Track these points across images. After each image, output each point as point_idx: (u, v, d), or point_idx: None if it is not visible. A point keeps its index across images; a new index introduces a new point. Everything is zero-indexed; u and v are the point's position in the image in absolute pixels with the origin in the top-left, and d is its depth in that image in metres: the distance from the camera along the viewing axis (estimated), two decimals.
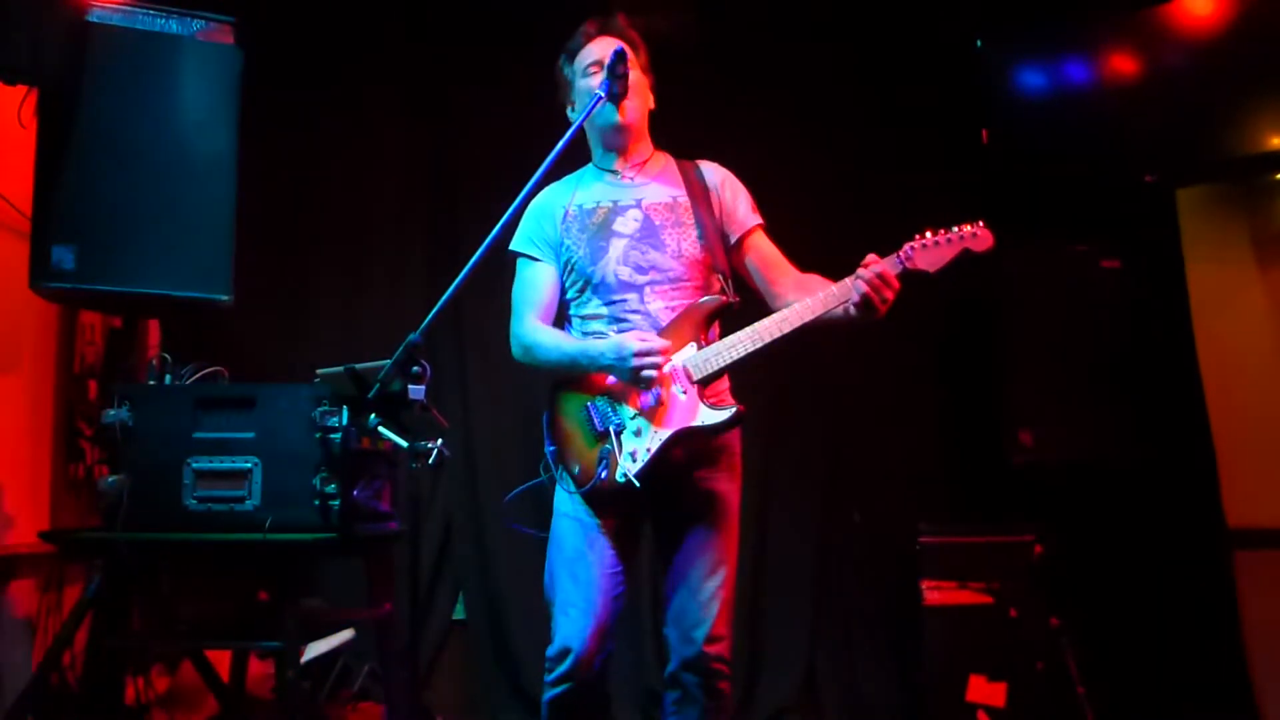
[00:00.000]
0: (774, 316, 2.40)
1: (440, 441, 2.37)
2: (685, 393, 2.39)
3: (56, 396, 3.60)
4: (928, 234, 2.33)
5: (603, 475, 2.39)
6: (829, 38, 4.53)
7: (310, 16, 4.42)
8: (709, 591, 2.44)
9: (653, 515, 2.56)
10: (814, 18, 4.51)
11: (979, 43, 4.24)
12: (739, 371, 2.50)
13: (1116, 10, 4.10)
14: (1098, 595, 3.98)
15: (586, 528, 2.47)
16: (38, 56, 2.98)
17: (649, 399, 2.39)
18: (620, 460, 2.38)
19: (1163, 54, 4.01)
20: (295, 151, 4.40)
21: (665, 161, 2.69)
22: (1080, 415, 3.94)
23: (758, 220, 2.65)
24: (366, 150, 4.48)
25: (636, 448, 2.38)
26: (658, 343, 2.37)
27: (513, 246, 2.67)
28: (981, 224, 2.32)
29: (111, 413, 2.92)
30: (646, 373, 2.35)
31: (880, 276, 2.28)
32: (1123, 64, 4.09)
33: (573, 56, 2.69)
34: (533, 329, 2.58)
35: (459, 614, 4.35)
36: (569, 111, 2.70)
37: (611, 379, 2.45)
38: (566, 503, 2.52)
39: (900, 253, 2.33)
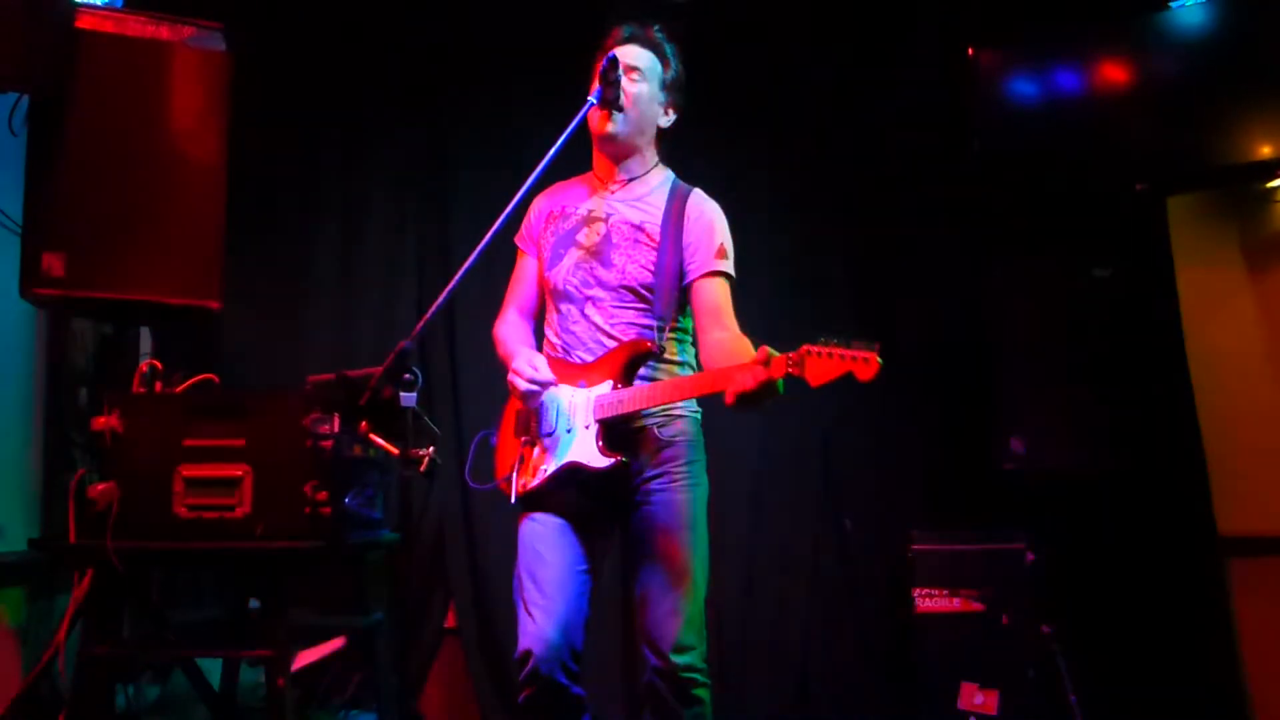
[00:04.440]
0: (672, 380, 2.41)
1: (432, 449, 2.37)
2: (588, 428, 2.38)
3: (46, 404, 3.58)
4: (832, 343, 2.05)
5: (513, 482, 2.46)
6: (819, 44, 4.53)
7: (301, 23, 4.41)
8: (670, 604, 2.37)
9: (620, 520, 2.52)
10: (803, 24, 4.51)
11: (970, 50, 4.24)
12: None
13: (1107, 18, 4.11)
14: (1090, 602, 3.98)
15: (547, 528, 2.45)
16: (28, 64, 2.98)
17: (548, 424, 2.44)
18: (524, 475, 2.45)
19: (1153, 62, 4.03)
20: (286, 158, 4.38)
21: (660, 180, 2.60)
22: (1071, 422, 3.95)
23: (717, 268, 2.49)
24: (358, 156, 4.47)
25: (540, 467, 2.43)
26: (541, 378, 2.40)
27: (515, 237, 2.74)
28: (876, 350, 2.03)
29: (102, 420, 2.91)
30: (511, 384, 2.44)
31: (759, 385, 2.10)
32: (1113, 72, 4.10)
33: (601, 52, 2.58)
34: (501, 323, 2.70)
35: (450, 622, 4.33)
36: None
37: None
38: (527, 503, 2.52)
39: (794, 355, 2.08)
